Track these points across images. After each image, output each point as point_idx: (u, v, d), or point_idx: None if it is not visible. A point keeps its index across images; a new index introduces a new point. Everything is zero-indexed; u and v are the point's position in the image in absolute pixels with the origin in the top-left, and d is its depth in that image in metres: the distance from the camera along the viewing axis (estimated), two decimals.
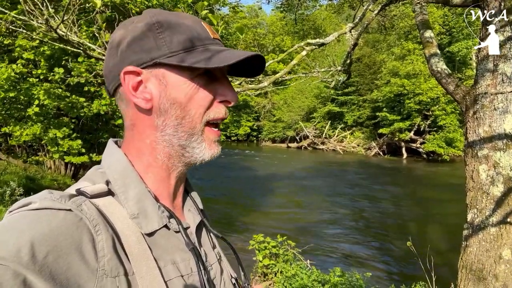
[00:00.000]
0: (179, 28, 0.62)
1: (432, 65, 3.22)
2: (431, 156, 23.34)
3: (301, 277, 4.26)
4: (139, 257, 0.56)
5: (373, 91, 26.83)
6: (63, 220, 0.50)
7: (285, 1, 7.65)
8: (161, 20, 0.62)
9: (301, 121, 31.84)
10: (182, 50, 0.61)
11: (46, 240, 0.47)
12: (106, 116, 8.23)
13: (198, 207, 0.76)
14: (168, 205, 0.67)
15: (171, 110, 0.62)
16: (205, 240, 0.73)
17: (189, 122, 0.63)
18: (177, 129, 0.63)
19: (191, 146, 0.64)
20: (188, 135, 0.63)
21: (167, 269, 0.59)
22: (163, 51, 0.60)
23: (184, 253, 0.63)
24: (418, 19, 3.54)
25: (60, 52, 7.09)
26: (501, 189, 2.55)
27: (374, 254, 7.32)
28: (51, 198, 0.53)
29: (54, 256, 0.46)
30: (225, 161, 21.08)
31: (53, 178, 9.28)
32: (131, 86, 0.61)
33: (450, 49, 23.53)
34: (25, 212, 0.50)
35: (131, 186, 0.62)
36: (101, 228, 0.53)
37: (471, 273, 2.64)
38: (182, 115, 0.62)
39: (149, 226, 0.60)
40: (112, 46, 0.63)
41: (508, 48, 2.50)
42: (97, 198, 0.57)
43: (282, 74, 2.10)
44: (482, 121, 2.68)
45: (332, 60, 5.92)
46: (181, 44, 0.61)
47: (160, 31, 0.61)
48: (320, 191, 13.57)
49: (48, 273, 0.45)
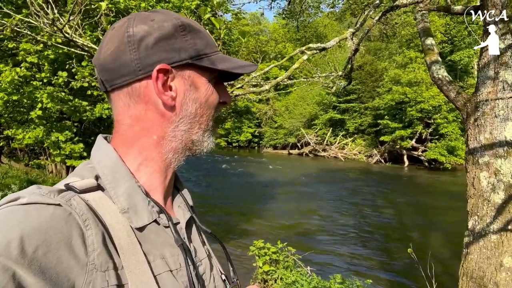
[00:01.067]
0: (199, 33, 0.67)
1: (433, 72, 3.23)
2: (433, 164, 23.28)
3: (301, 283, 4.24)
4: (129, 251, 0.56)
5: (375, 99, 26.86)
6: (52, 214, 0.50)
7: (287, 7, 7.72)
8: (185, 23, 0.65)
9: (303, 128, 31.85)
10: (207, 54, 0.66)
11: (35, 235, 0.47)
12: (108, 120, 8.26)
13: (188, 204, 0.77)
14: (159, 200, 0.68)
15: (192, 108, 0.66)
16: (194, 236, 0.74)
17: (206, 120, 0.69)
18: (194, 125, 0.67)
19: (202, 140, 0.70)
20: (203, 131, 0.69)
21: (156, 264, 0.59)
22: (191, 52, 0.64)
23: (173, 248, 0.64)
24: (420, 27, 3.57)
25: (63, 56, 7.15)
26: (502, 196, 2.55)
27: (375, 262, 7.28)
28: (40, 193, 0.52)
29: (43, 250, 0.46)
30: (227, 167, 21.08)
31: (54, 181, 9.28)
32: (161, 84, 0.62)
33: (452, 58, 23.60)
34: (14, 207, 0.50)
35: (121, 181, 0.62)
36: (91, 223, 0.53)
37: (472, 280, 2.63)
38: (201, 113, 0.68)
39: (139, 220, 0.61)
40: (132, 39, 0.61)
41: (508, 56, 2.52)
42: (87, 193, 0.58)
43: (283, 78, 2.12)
44: (483, 128, 2.69)
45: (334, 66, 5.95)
46: (204, 48, 0.66)
47: (184, 33, 0.64)
48: (321, 198, 13.53)
49: (37, 268, 0.45)
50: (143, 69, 0.61)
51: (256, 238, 5.67)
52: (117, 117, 0.67)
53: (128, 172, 0.64)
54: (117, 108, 0.66)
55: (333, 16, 10.71)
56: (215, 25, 1.24)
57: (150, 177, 0.67)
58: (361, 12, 6.43)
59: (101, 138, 0.69)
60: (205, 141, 0.70)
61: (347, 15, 9.23)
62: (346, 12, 8.38)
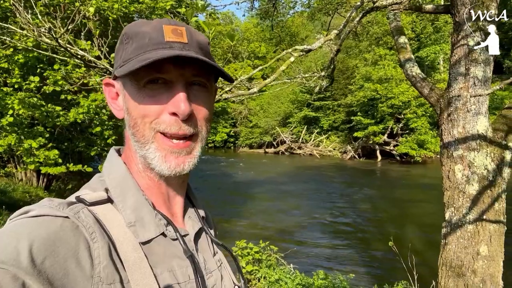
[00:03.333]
0: (135, 37, 0.62)
1: (407, 70, 3.33)
2: (404, 158, 24.00)
3: (285, 281, 4.27)
4: (135, 265, 0.56)
5: (347, 96, 27.41)
6: (60, 226, 0.51)
7: (261, 6, 7.75)
8: (127, 31, 0.64)
9: (278, 127, 32.06)
10: (130, 59, 0.61)
11: (44, 245, 0.48)
12: (83, 125, 8.04)
13: (199, 215, 0.76)
14: (165, 212, 0.67)
15: (128, 120, 0.64)
16: (205, 247, 0.73)
17: (138, 131, 0.62)
18: (133, 138, 0.64)
19: (148, 156, 0.62)
20: (141, 144, 0.62)
21: (163, 277, 0.59)
22: (118, 62, 0.63)
23: (182, 260, 0.63)
24: (392, 26, 3.66)
25: (34, 60, 6.89)
26: (476, 188, 2.66)
27: (356, 256, 7.44)
28: (49, 206, 0.54)
29: (51, 261, 0.48)
30: (203, 168, 20.91)
31: (24, 190, 8.91)
32: (110, 97, 0.66)
33: (419, 54, 24.42)
34: (24, 219, 0.51)
35: (129, 194, 0.62)
36: (97, 236, 0.54)
37: (451, 269, 2.73)
38: (132, 123, 0.62)
39: (146, 234, 0.61)
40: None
41: (478, 52, 2.63)
42: (96, 206, 0.58)
43: (271, 80, 2.13)
44: (456, 123, 2.79)
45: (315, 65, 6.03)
46: (132, 52, 0.61)
47: (126, 42, 0.63)
48: (299, 195, 13.67)
49: (45, 278, 0.46)
50: None
51: (238, 238, 5.67)
52: None
53: (135, 185, 0.64)
54: None
55: (304, 15, 10.84)
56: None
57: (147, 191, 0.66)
58: (334, 12, 6.55)
59: (113, 150, 0.70)
60: (152, 158, 0.62)
61: (318, 15, 9.36)
62: (318, 13, 8.51)
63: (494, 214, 2.60)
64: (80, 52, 1.74)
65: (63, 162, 7.72)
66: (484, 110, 2.69)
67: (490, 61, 2.66)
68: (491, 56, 2.67)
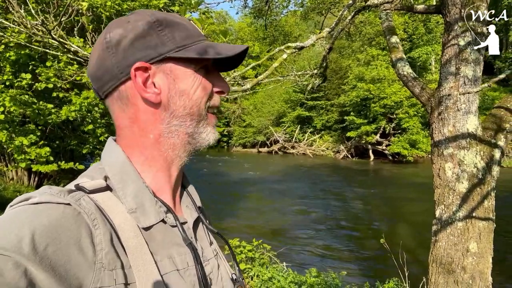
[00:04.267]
0: (177, 26, 0.66)
1: (398, 69, 3.36)
2: (396, 158, 24.20)
3: (278, 279, 4.29)
4: (136, 251, 0.57)
5: (340, 96, 27.55)
6: (62, 213, 0.52)
7: (255, 5, 7.76)
8: (160, 19, 0.65)
9: (271, 126, 32.11)
10: (186, 45, 0.65)
11: (46, 232, 0.48)
12: (75, 123, 7.96)
13: (195, 204, 0.77)
14: (167, 199, 0.68)
15: (180, 101, 0.66)
16: (202, 236, 0.74)
17: (197, 110, 0.68)
18: (185, 118, 0.67)
19: (199, 132, 0.69)
20: (196, 122, 0.68)
21: (163, 263, 0.60)
22: (169, 46, 0.64)
23: (181, 247, 0.65)
24: (385, 26, 3.69)
25: (26, 57, 6.81)
26: (466, 186, 2.70)
27: (348, 253, 7.49)
28: (50, 193, 0.54)
29: (53, 248, 0.48)
30: (196, 167, 20.86)
31: (15, 189, 8.81)
32: (142, 82, 0.63)
33: (411, 55, 24.64)
34: (25, 206, 0.51)
35: (129, 181, 0.63)
36: (99, 223, 0.54)
37: (441, 266, 2.77)
38: (190, 104, 0.66)
39: (147, 220, 0.62)
40: (109, 45, 0.63)
41: (468, 52, 2.67)
42: (96, 193, 0.59)
43: (264, 77, 2.14)
44: (447, 122, 2.83)
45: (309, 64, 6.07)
46: (184, 40, 0.65)
47: (160, 28, 0.64)
48: (292, 194, 13.71)
49: (48, 264, 0.46)
50: (124, 71, 0.62)
51: (231, 237, 5.68)
52: (116, 122, 0.69)
53: (136, 173, 0.65)
54: (114, 113, 0.68)
55: (297, 14, 10.88)
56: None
57: (155, 177, 0.67)
58: (327, 12, 6.58)
59: (111, 140, 0.70)
60: (202, 132, 0.69)
61: (311, 14, 9.41)
62: (311, 13, 8.55)
63: (484, 212, 2.65)
64: (73, 46, 1.73)
65: (55, 160, 7.64)
66: (474, 109, 2.73)
67: (480, 61, 2.70)
68: (481, 56, 2.71)
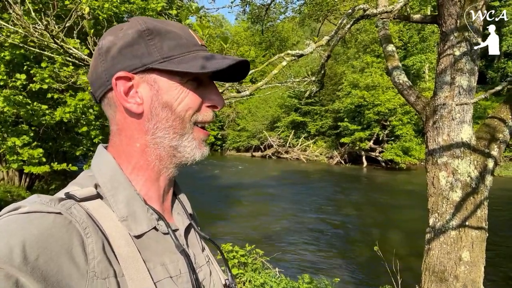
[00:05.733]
0: (168, 34, 0.64)
1: (394, 77, 3.39)
2: (389, 164, 24.32)
3: (270, 285, 4.27)
4: (128, 259, 0.57)
5: (335, 102, 27.70)
6: (52, 222, 0.51)
7: (253, 11, 7.80)
8: (151, 27, 0.64)
9: (265, 130, 32.13)
10: (172, 56, 0.63)
11: (37, 242, 0.47)
12: (69, 124, 7.91)
13: (187, 211, 0.77)
14: (157, 207, 0.68)
15: (163, 113, 0.64)
16: (194, 242, 0.74)
17: (180, 123, 0.66)
18: (169, 131, 0.65)
19: (183, 145, 0.67)
20: (179, 136, 0.66)
21: (156, 271, 0.60)
22: (154, 57, 0.62)
23: (173, 254, 0.64)
24: (381, 34, 3.73)
25: (20, 57, 6.76)
26: (460, 194, 2.72)
27: (341, 260, 7.49)
28: (40, 202, 0.53)
29: (45, 258, 0.47)
30: (190, 171, 20.78)
31: (6, 189, 8.70)
32: (123, 91, 0.62)
33: (405, 63, 24.89)
34: (15, 216, 0.50)
35: (120, 189, 0.63)
36: (91, 231, 0.54)
37: (434, 274, 2.78)
38: (173, 117, 0.65)
39: (138, 228, 0.61)
40: (101, 52, 0.64)
41: (463, 62, 2.70)
42: (86, 202, 0.58)
43: (263, 83, 2.14)
44: (441, 131, 2.86)
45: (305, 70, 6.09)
46: (171, 50, 0.64)
47: (150, 37, 0.63)
48: (285, 199, 13.71)
49: (39, 275, 0.46)
50: (109, 79, 0.63)
51: (224, 241, 5.65)
52: (110, 127, 0.69)
53: (126, 181, 0.64)
54: (108, 118, 0.68)
55: (295, 21, 10.95)
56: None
57: (144, 186, 0.67)
58: (324, 18, 6.63)
59: (101, 147, 0.69)
60: (187, 146, 0.67)
61: (308, 20, 9.47)
62: (307, 19, 8.61)
63: (477, 221, 2.67)
64: (74, 50, 1.72)
65: (47, 161, 7.57)
66: (469, 119, 2.76)
67: (475, 71, 2.73)
68: (476, 67, 2.75)
